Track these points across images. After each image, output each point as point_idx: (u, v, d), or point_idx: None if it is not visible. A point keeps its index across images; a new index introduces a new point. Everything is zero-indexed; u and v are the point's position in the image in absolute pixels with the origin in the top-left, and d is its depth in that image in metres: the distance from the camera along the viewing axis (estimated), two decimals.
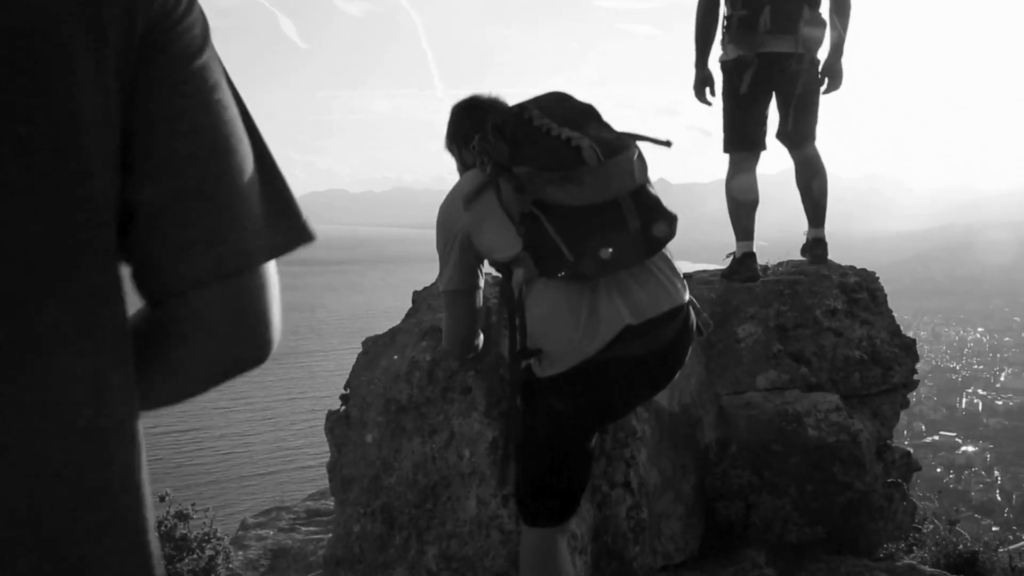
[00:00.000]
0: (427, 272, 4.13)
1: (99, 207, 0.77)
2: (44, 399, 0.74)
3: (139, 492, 0.81)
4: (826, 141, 4.96)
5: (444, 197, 2.79)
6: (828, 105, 5.13)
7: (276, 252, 0.88)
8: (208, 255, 0.83)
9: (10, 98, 0.72)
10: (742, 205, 4.82)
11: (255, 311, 0.88)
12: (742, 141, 4.75)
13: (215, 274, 0.84)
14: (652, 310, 2.56)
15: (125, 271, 0.84)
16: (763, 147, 4.80)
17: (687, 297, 2.69)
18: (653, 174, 2.65)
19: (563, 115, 2.75)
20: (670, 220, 2.59)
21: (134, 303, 0.84)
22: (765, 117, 4.76)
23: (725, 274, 4.80)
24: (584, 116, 2.79)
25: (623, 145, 2.67)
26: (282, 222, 0.89)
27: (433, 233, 2.76)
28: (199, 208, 0.83)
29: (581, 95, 3.90)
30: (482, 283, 2.86)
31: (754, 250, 4.80)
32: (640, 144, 2.68)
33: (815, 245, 4.89)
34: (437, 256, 2.77)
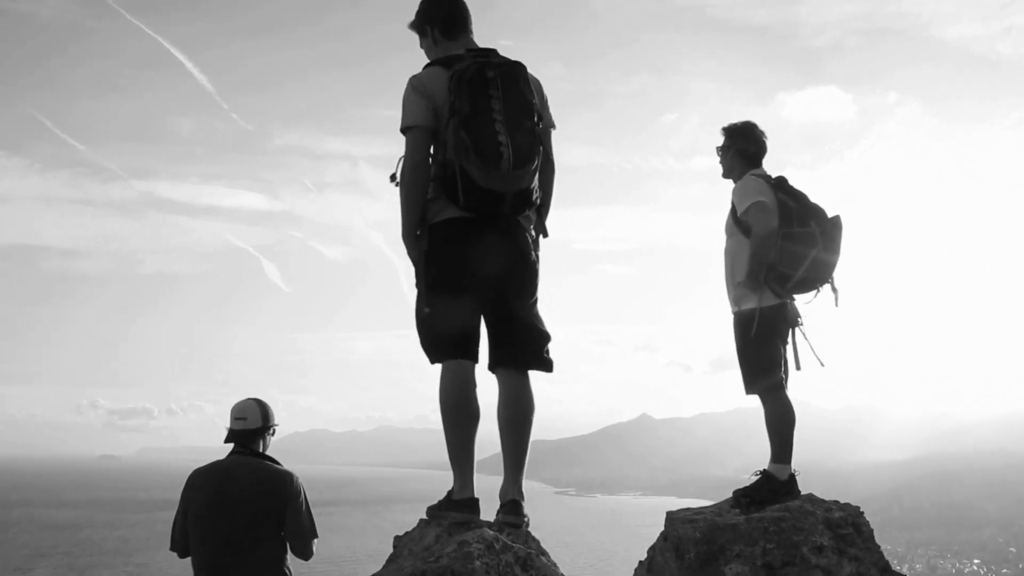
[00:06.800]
0: (412, 513, 4.11)
1: (278, 534, 4.60)
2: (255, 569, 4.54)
3: None
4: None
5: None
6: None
7: (313, 537, 4.67)
8: (302, 545, 4.64)
9: (261, 515, 4.54)
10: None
11: (309, 551, 4.64)
12: None
13: (303, 545, 4.63)
14: None
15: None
16: None
17: None
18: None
19: (511, 102, 3.78)
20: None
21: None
22: None
23: (763, 498, 4.84)
24: (523, 113, 3.81)
25: (531, 158, 3.77)
26: (314, 530, 4.67)
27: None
28: (297, 541, 4.62)
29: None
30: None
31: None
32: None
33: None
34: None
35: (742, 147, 5.29)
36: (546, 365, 4.14)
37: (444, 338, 4.05)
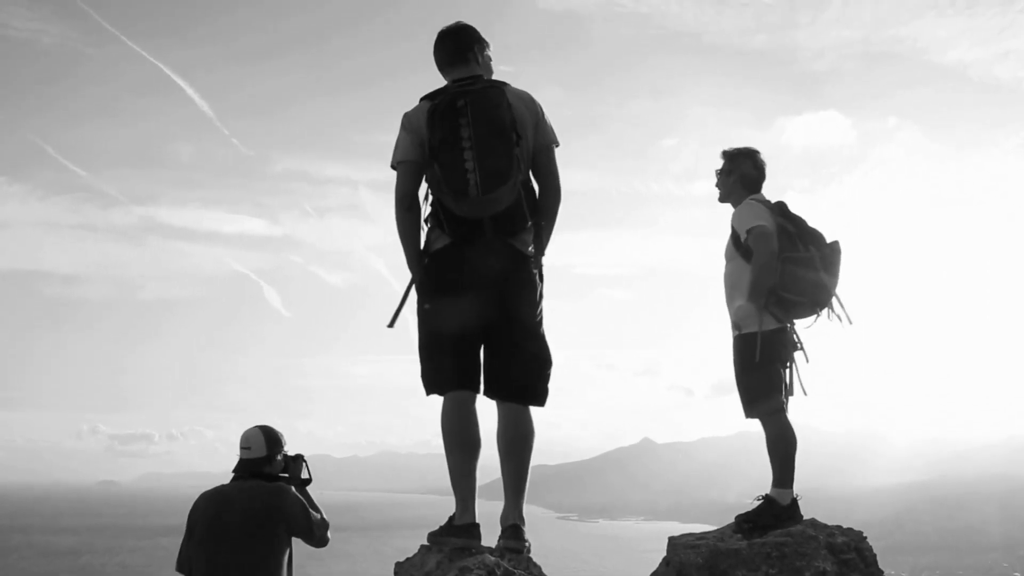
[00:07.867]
0: (413, 539, 4.10)
1: (284, 544, 4.53)
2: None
3: None
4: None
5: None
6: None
7: (316, 530, 4.56)
8: (312, 540, 4.59)
9: (261, 535, 4.48)
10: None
11: (322, 541, 4.60)
12: None
13: (312, 539, 4.59)
14: None
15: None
16: None
17: None
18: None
19: (482, 125, 3.79)
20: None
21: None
22: None
23: (765, 523, 4.81)
24: (496, 136, 3.80)
25: (503, 180, 3.74)
26: (311, 526, 4.55)
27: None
28: (308, 539, 4.58)
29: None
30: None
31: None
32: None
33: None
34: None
35: (745, 172, 5.30)
36: (539, 399, 4.17)
37: (443, 369, 4.12)
